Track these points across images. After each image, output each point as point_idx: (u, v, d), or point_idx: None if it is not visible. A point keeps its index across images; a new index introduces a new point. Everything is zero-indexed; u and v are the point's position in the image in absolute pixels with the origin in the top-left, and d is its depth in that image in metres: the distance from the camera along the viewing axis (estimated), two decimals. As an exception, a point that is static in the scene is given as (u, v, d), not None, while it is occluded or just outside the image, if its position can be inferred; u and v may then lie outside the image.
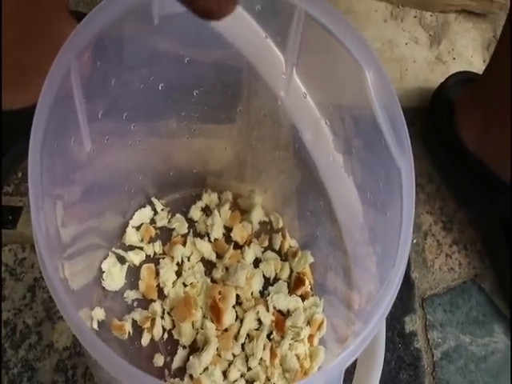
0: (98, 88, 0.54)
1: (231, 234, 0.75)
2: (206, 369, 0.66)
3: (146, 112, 0.65)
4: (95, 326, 0.64)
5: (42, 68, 0.67)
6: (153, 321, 0.67)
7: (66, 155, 0.55)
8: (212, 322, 0.69)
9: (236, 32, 0.59)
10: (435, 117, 0.89)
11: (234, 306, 0.70)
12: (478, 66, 0.99)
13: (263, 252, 0.76)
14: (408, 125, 0.89)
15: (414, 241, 0.83)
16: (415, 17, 1.03)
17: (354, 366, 0.55)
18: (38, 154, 0.45)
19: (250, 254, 0.74)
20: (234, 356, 0.68)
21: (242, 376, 0.67)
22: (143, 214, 0.74)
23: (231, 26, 0.58)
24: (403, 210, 0.50)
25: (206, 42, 0.59)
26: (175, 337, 0.68)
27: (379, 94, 0.52)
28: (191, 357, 0.66)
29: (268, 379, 0.67)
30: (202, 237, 0.75)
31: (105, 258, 0.69)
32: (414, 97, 0.95)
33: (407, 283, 0.80)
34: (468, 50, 1.01)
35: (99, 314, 0.65)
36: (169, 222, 0.75)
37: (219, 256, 0.74)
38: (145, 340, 0.67)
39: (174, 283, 0.71)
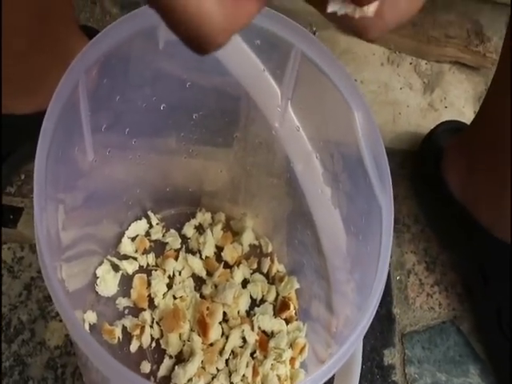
0: (103, 103, 0.61)
1: (222, 254, 0.81)
2: (190, 380, 0.71)
3: (147, 129, 0.71)
4: (87, 328, 0.69)
5: (48, 79, 0.74)
6: (142, 329, 0.73)
7: (70, 163, 0.61)
8: (199, 335, 0.74)
9: (236, 62, 0.66)
10: (424, 161, 0.97)
11: (220, 323, 0.76)
12: (468, 116, 1.07)
13: (251, 274, 0.81)
14: (398, 166, 0.98)
15: (398, 278, 0.90)
16: (411, 63, 1.12)
17: None
18: (44, 158, 0.50)
19: (239, 274, 0.80)
20: (218, 370, 0.73)
21: (224, 390, 0.73)
22: (139, 226, 0.80)
23: (232, 56, 0.65)
24: (382, 245, 0.56)
25: (208, 68, 0.66)
26: (163, 346, 0.73)
27: (366, 135, 0.58)
28: (176, 367, 0.71)
29: (249, 395, 0.73)
30: (193, 253, 0.80)
31: (100, 265, 0.75)
32: (405, 140, 1.02)
33: (388, 318, 0.86)
34: (460, 101, 1.10)
35: (91, 317, 0.71)
36: (163, 236, 0.81)
37: (209, 273, 0.80)
38: (133, 346, 0.72)
39: (164, 295, 0.76)
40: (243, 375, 0.73)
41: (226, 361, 0.74)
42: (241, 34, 0.61)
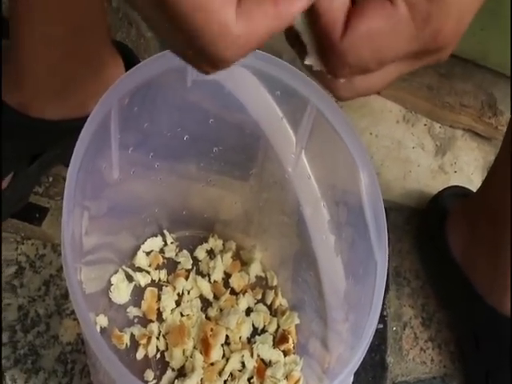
0: (132, 128, 0.72)
1: (229, 280, 0.91)
2: (188, 394, 0.81)
3: (170, 155, 0.82)
4: (98, 330, 0.78)
5: (78, 90, 0.85)
6: (149, 339, 0.82)
7: (97, 175, 0.71)
8: (201, 353, 0.83)
9: (258, 107, 0.77)
10: (429, 221, 1.08)
11: (222, 345, 0.85)
12: (476, 183, 1.19)
13: (255, 303, 0.91)
14: (404, 222, 1.09)
15: (394, 328, 1.00)
16: (425, 125, 1.24)
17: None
18: (76, 169, 0.60)
19: (244, 302, 0.90)
20: (216, 389, 0.83)
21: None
22: (154, 243, 0.90)
23: (254, 101, 0.76)
24: (374, 296, 0.65)
25: (231, 108, 0.77)
26: (167, 358, 0.82)
27: (369, 194, 0.69)
28: (176, 380, 0.81)
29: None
30: (203, 276, 0.90)
31: (115, 273, 0.84)
32: (413, 197, 1.14)
33: (382, 365, 0.96)
34: (469, 167, 1.22)
35: (103, 321, 0.80)
36: (176, 255, 0.90)
37: (216, 297, 0.89)
38: (139, 354, 0.81)
39: (172, 310, 0.85)
40: (239, 397, 0.83)
41: (225, 382, 0.83)
42: (264, 83, 0.73)
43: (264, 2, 0.33)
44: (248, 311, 0.90)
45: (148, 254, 0.89)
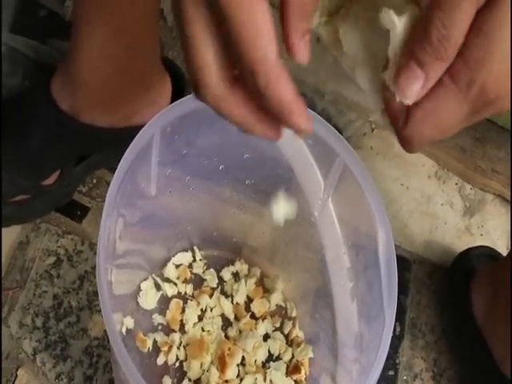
0: (171, 154, 0.83)
1: (251, 305, 1.01)
2: (201, 407, 0.92)
3: (205, 181, 0.93)
4: (124, 331, 0.88)
5: (126, 103, 0.98)
6: (170, 347, 0.92)
7: (137, 189, 0.83)
8: (217, 369, 0.94)
9: (291, 151, 0.88)
10: (454, 278, 1.17)
11: (238, 365, 0.95)
12: (501, 249, 1.28)
13: (273, 331, 1.01)
14: (425, 276, 1.21)
15: (404, 377, 1.10)
16: (456, 184, 1.35)
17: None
18: (120, 180, 0.71)
19: (262, 327, 1.00)
20: (228, 406, 0.94)
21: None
22: (184, 257, 1.01)
23: (288, 144, 0.86)
24: (380, 347, 0.75)
25: (266, 147, 0.87)
26: (185, 368, 0.92)
27: (385, 251, 0.78)
28: (191, 391, 0.92)
29: None
30: (226, 296, 1.01)
31: (145, 280, 0.95)
32: (436, 253, 1.25)
33: (388, 410, 1.07)
34: (496, 232, 1.33)
35: (129, 322, 0.90)
36: (203, 272, 1.01)
37: (237, 318, 0.99)
38: (160, 360, 0.91)
39: (194, 324, 0.95)
40: (249, 418, 0.93)
41: (237, 400, 0.94)
42: None
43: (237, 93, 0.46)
44: (265, 337, 1.00)
45: (177, 266, 1.00)
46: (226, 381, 0.94)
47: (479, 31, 0.42)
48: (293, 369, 1.00)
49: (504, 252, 1.21)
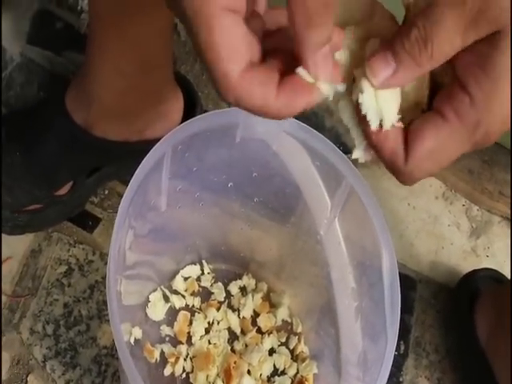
0: (182, 171, 0.87)
1: (257, 319, 1.04)
2: (205, 419, 0.95)
3: (214, 197, 0.97)
4: (132, 340, 0.91)
5: (138, 118, 1.01)
6: (177, 359, 0.95)
7: (148, 204, 0.86)
8: (223, 382, 0.97)
9: (299, 171, 0.91)
10: (459, 299, 1.18)
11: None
12: (507, 271, 1.30)
13: (279, 345, 1.03)
14: (430, 295, 1.24)
15: (408, 394, 1.14)
16: (463, 205, 1.38)
17: None
18: (132, 194, 0.74)
19: (268, 342, 1.03)
20: (232, 418, 0.97)
21: None
22: (193, 270, 1.04)
23: (297, 165, 0.90)
24: (382, 366, 0.77)
25: (274, 167, 0.91)
26: (191, 380, 0.95)
27: (388, 273, 0.81)
28: (197, 403, 0.95)
29: None
30: (233, 310, 1.03)
31: (154, 291, 0.98)
32: (441, 273, 1.27)
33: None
34: (502, 254, 1.35)
35: (137, 333, 0.93)
36: (211, 285, 1.04)
37: (243, 332, 1.02)
38: (167, 371, 0.94)
39: (201, 337, 0.98)
40: (253, 431, 0.96)
41: (241, 413, 0.97)
42: (308, 153, 0.86)
43: (266, 83, 0.44)
44: (271, 351, 1.03)
45: (186, 279, 1.03)
46: (232, 393, 0.97)
47: (486, 74, 0.44)
48: (297, 384, 1.03)
49: (510, 274, 1.24)
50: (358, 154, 0.50)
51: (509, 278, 1.20)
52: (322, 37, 0.43)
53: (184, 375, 0.96)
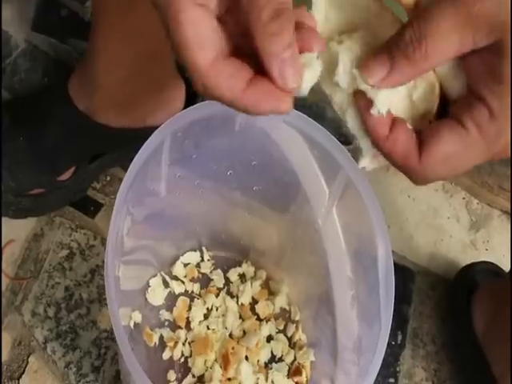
0: (181, 157, 0.89)
1: (256, 306, 1.06)
2: (203, 403, 0.97)
3: (214, 185, 0.99)
4: (131, 324, 0.94)
5: (139, 106, 1.03)
6: (176, 343, 0.97)
7: (147, 190, 0.89)
8: (220, 367, 1.00)
9: (298, 160, 0.93)
10: (457, 291, 1.20)
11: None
12: (506, 265, 1.30)
13: (277, 333, 1.06)
14: (428, 287, 1.26)
15: (405, 386, 1.16)
16: (463, 198, 1.39)
17: None
18: (131, 180, 0.76)
19: (266, 329, 1.05)
20: (229, 403, 0.99)
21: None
22: (192, 256, 1.06)
23: (295, 153, 0.92)
24: (377, 349, 0.79)
25: (273, 156, 0.93)
26: (189, 364, 0.98)
27: (383, 265, 0.83)
28: (195, 387, 0.98)
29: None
30: (232, 297, 1.06)
31: (154, 276, 1.01)
32: (440, 265, 1.29)
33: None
34: (501, 248, 1.36)
35: (137, 317, 0.95)
36: (210, 272, 1.07)
37: (242, 318, 1.05)
38: (166, 355, 0.97)
39: (200, 322, 1.01)
40: (249, 416, 0.99)
41: (238, 398, 1.00)
42: (306, 142, 0.89)
43: (236, 76, 0.45)
44: (269, 338, 1.06)
45: (185, 265, 1.06)
46: (229, 379, 0.99)
47: (499, 84, 0.44)
48: (294, 371, 1.05)
49: (508, 268, 1.26)
50: (365, 162, 0.51)
51: (507, 271, 1.21)
52: (282, 44, 0.44)
53: (182, 359, 0.99)
